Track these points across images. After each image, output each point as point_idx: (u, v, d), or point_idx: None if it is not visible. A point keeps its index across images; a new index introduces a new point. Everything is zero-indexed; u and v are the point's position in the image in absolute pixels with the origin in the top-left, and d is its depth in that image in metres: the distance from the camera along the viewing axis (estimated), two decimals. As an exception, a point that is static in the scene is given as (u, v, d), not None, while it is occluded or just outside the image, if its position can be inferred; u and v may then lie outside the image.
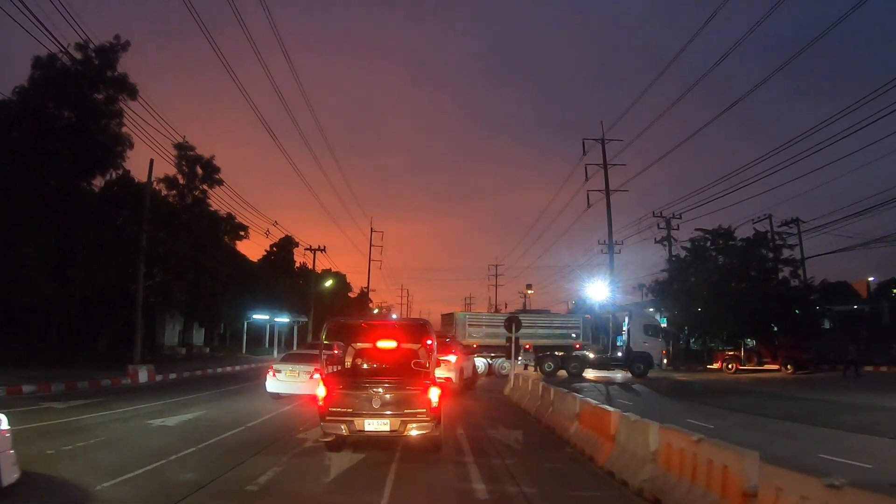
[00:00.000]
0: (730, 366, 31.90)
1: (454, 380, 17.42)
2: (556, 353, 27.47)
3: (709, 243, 38.20)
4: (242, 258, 44.25)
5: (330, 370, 9.65)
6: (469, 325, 27.06)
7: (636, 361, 27.61)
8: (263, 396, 15.54)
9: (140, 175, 26.65)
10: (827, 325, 39.47)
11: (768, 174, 28.82)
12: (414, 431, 8.04)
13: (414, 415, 8.03)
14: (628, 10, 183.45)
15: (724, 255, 37.67)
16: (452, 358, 17.56)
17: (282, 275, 52.21)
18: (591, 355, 28.28)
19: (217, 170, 32.04)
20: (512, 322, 17.80)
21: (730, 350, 33.91)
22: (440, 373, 16.26)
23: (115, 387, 18.60)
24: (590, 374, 28.44)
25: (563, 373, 27.11)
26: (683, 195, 51.64)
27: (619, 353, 28.45)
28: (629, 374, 27.57)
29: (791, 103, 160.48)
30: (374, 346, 10.11)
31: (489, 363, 26.82)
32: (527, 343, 26.68)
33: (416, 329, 9.98)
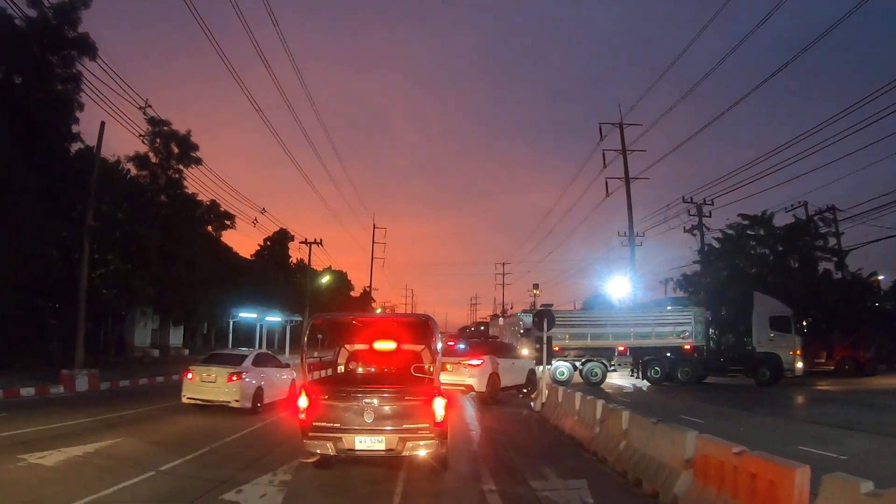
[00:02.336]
0: None
1: (477, 388, 14.32)
2: (667, 354, 22.54)
3: (745, 231, 34.46)
4: (229, 251, 40.55)
5: (314, 376, 8.08)
6: None
7: (761, 365, 21.87)
8: (220, 414, 11.84)
9: (107, 151, 23.08)
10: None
11: (802, 157, 24.97)
12: (416, 451, 6.70)
13: (415, 430, 6.67)
14: (633, 6, 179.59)
15: (762, 244, 33.92)
16: (476, 361, 14.53)
17: (275, 270, 48.47)
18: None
19: (194, 147, 28.47)
20: (543, 317, 13.77)
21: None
22: (457, 378, 13.98)
23: (39, 397, 14.79)
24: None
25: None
26: (710, 182, 47.86)
27: (717, 348, 23.30)
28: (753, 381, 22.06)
29: (824, 88, 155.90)
30: (370, 347, 8.79)
31: (578, 367, 22.25)
32: (621, 344, 22.57)
33: (418, 327, 8.38)
